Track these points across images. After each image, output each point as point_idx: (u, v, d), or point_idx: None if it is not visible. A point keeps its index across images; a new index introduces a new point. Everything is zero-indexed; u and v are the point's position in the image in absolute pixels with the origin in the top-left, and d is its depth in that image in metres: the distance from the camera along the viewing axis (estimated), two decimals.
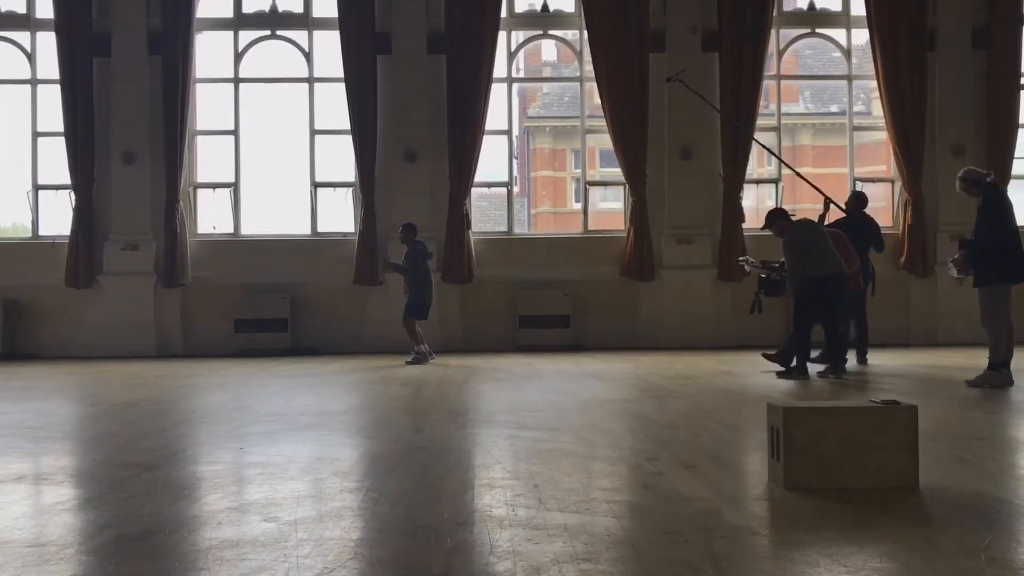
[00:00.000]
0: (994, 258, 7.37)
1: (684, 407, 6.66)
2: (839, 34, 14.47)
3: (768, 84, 14.38)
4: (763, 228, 8.81)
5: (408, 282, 11.12)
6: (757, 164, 20.14)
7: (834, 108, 27.88)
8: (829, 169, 25.79)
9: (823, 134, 28.22)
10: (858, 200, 10.38)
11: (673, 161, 13.61)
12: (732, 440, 5.30)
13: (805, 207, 21.82)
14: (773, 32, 13.87)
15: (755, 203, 14.90)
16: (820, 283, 8.17)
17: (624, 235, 13.66)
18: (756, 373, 9.08)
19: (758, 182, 14.79)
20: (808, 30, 14.58)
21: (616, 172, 14.14)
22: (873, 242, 10.09)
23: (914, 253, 13.57)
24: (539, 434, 5.40)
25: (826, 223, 10.13)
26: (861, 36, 14.30)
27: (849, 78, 14.77)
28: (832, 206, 10.42)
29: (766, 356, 9.00)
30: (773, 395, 6.99)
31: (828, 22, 14.43)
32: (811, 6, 14.37)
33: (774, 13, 13.80)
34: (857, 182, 14.20)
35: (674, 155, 13.60)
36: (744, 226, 13.55)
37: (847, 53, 14.53)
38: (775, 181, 14.55)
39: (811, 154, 28.06)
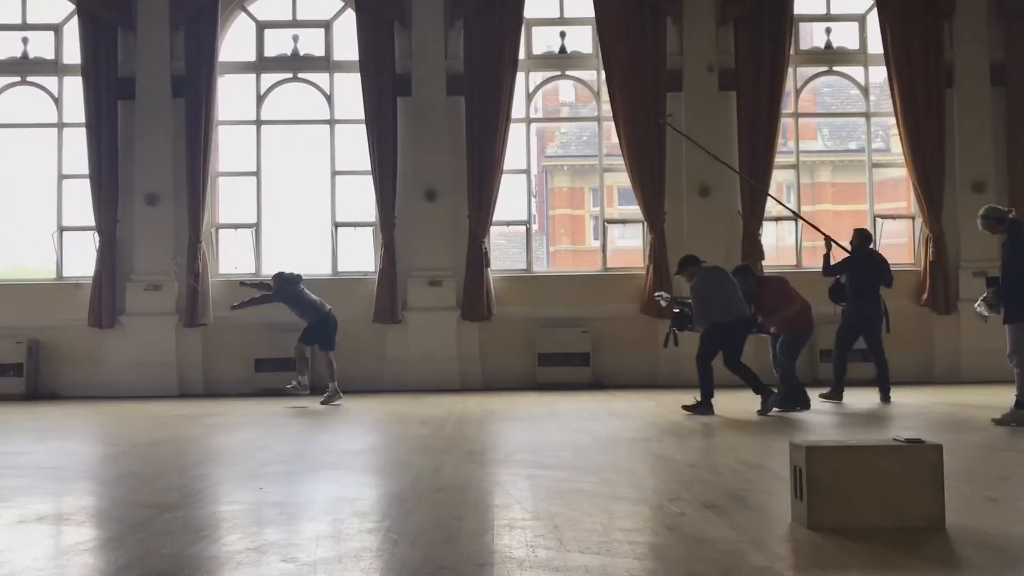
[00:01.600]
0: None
1: (705, 446, 6.60)
2: (856, 72, 14.51)
3: (786, 122, 14.41)
4: (676, 273, 9.37)
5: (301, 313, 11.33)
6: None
7: (853, 145, 27.86)
8: (849, 206, 25.73)
9: (842, 171, 28.19)
10: (862, 237, 10.39)
11: (692, 198, 13.63)
12: (754, 479, 5.24)
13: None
14: (790, 70, 13.94)
15: (775, 240, 14.86)
16: (722, 327, 8.63)
17: (643, 272, 13.65)
18: (778, 412, 8.98)
19: (778, 219, 14.75)
20: (825, 68, 14.63)
21: (634, 210, 14.17)
22: (882, 279, 10.10)
23: (936, 289, 13.47)
24: (559, 473, 5.37)
25: (831, 262, 10.26)
26: (878, 73, 14.33)
27: (867, 115, 14.78)
28: (834, 245, 10.45)
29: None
30: (795, 434, 6.92)
31: (845, 60, 14.48)
32: (828, 45, 14.43)
33: (791, 52, 13.87)
34: (877, 219, 14.16)
35: (692, 192, 13.63)
36: (764, 263, 13.51)
37: (865, 91, 14.55)
38: (795, 218, 14.51)
39: (830, 191, 28.03)
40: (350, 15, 13.88)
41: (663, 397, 11.10)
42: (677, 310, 9.39)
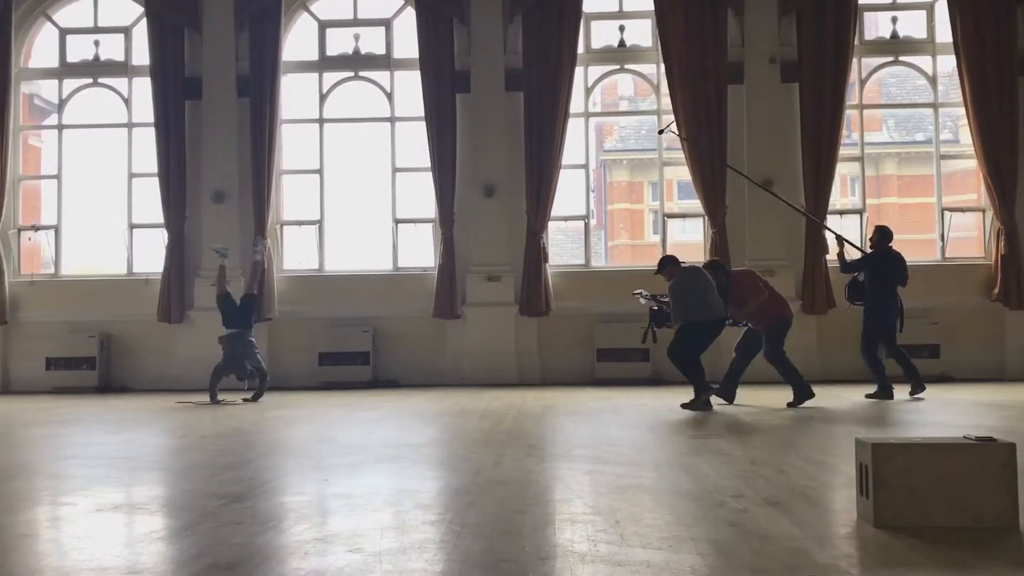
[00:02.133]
0: None
1: (767, 442, 6.54)
2: (924, 61, 14.17)
3: (850, 113, 14.14)
4: (655, 273, 9.45)
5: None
6: (840, 194, 19.78)
7: (919, 136, 27.23)
8: (916, 199, 25.14)
9: (908, 163, 27.56)
10: (883, 235, 10.28)
11: (754, 192, 13.44)
12: (818, 476, 5.18)
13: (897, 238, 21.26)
14: (854, 61, 13.67)
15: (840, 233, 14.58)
16: (698, 326, 8.90)
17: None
18: (841, 407, 8.85)
19: (842, 213, 14.51)
20: (891, 58, 14.33)
21: (695, 204, 14.05)
22: (899, 278, 10.03)
23: (1008, 284, 13.12)
24: (619, 469, 5.37)
25: (847, 260, 10.28)
26: (947, 63, 13.98)
27: (935, 106, 14.42)
28: (847, 244, 10.47)
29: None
30: (860, 430, 6.81)
31: (912, 49, 14.15)
32: (894, 34, 14.12)
33: (856, 42, 13.61)
34: (945, 212, 13.83)
35: (754, 185, 13.44)
36: (828, 257, 13.29)
37: (933, 80, 14.20)
38: (859, 212, 14.26)
39: (896, 184, 27.42)
40: (410, 13, 14.00)
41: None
42: (655, 307, 9.58)
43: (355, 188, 15.39)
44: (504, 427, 7.77)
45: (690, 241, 14.83)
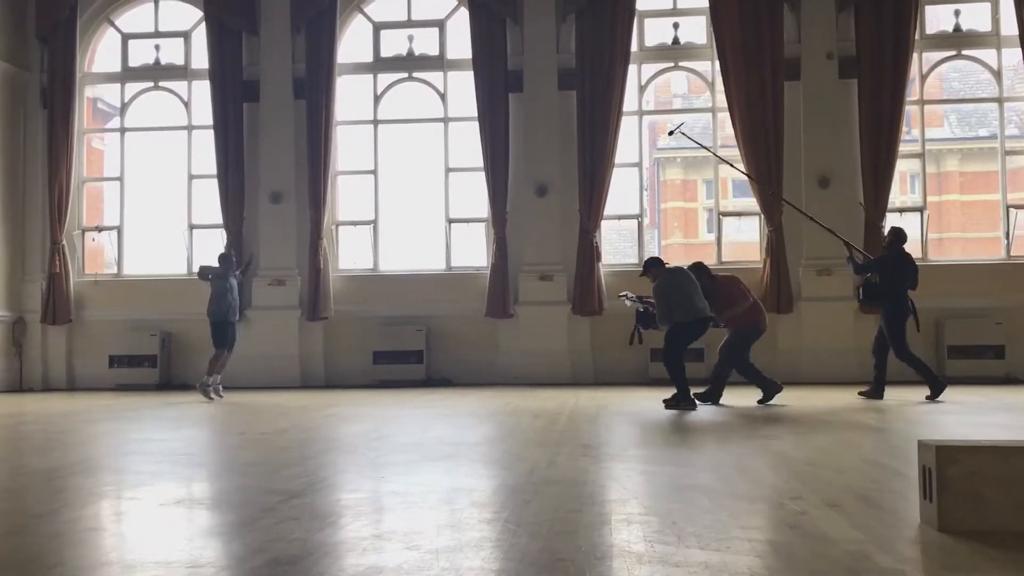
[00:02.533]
0: None
1: (826, 443, 6.43)
2: (988, 55, 13.83)
3: (910, 109, 13.87)
4: (641, 275, 9.67)
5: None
6: (900, 191, 19.40)
7: (983, 132, 26.57)
8: (979, 196, 24.55)
9: (971, 159, 26.91)
10: (896, 237, 10.24)
11: (811, 190, 13.28)
12: (879, 479, 5.08)
13: (952, 235, 20.90)
14: (915, 56, 13.40)
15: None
16: (684, 326, 9.06)
17: (760, 266, 13.38)
18: (902, 408, 8.68)
19: (902, 210, 14.23)
20: (953, 52, 14.01)
21: (750, 202, 13.89)
22: (909, 281, 10.03)
23: None
24: (674, 469, 5.33)
25: (859, 262, 10.38)
26: (1012, 56, 13.62)
27: (1000, 100, 14.06)
28: (854, 250, 10.66)
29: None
30: (921, 432, 6.67)
31: (975, 43, 13.82)
32: (956, 28, 13.81)
33: (916, 36, 13.33)
34: (1010, 209, 13.48)
35: (811, 183, 13.28)
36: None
37: (997, 74, 13.85)
38: (920, 209, 13.96)
39: (958, 181, 26.80)
40: (463, 13, 14.06)
41: (780, 394, 10.84)
42: (641, 309, 9.68)
43: (409, 188, 15.53)
44: (558, 426, 7.77)
45: (746, 240, 14.66)
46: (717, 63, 13.61)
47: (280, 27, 14.14)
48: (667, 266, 9.44)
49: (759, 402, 9.45)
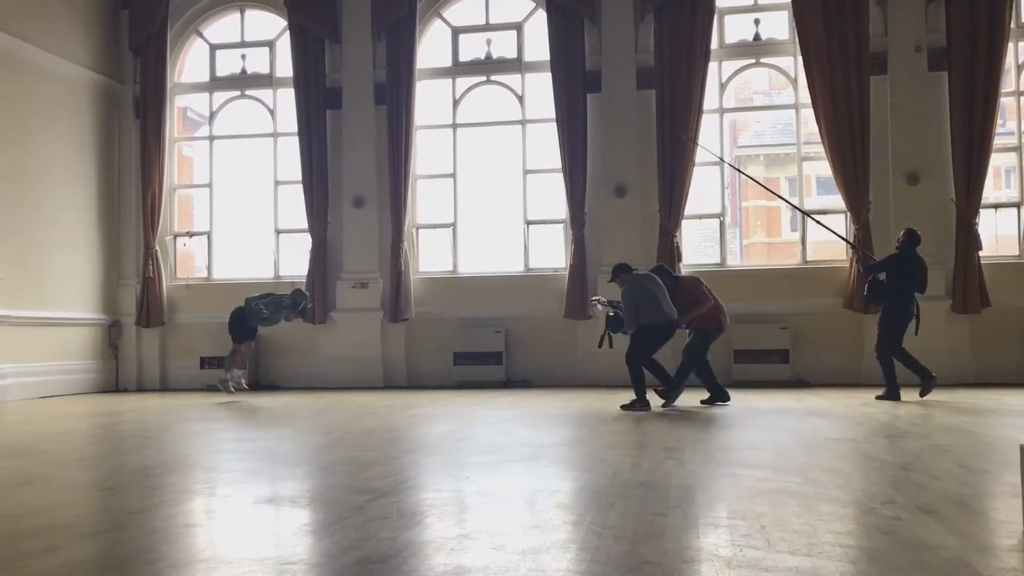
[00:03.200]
0: None
1: (919, 447, 6.24)
2: None
3: (1005, 101, 13.36)
4: (609, 280, 9.98)
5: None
6: (994, 187, 18.69)
7: None
8: None
9: None
10: (909, 236, 10.15)
11: (899, 186, 12.92)
12: (977, 484, 4.91)
13: None
14: (1010, 45, 12.91)
15: (994, 229, 13.80)
16: (651, 329, 9.34)
17: (846, 265, 13.07)
18: (997, 411, 8.37)
19: (996, 206, 13.71)
20: None
21: (835, 199, 13.57)
22: (919, 284, 10.04)
23: None
24: (761, 473, 5.24)
25: (871, 264, 10.36)
26: None
27: None
28: (863, 251, 10.86)
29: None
30: (1020, 436, 6.41)
31: None
32: None
33: (1011, 25, 12.85)
34: None
35: (899, 180, 12.92)
36: (981, 254, 12.61)
37: None
38: (1016, 205, 13.44)
39: None
40: (541, 15, 14.08)
41: (869, 395, 10.59)
42: (612, 314, 9.95)
43: (487, 191, 15.60)
44: (640, 428, 7.72)
45: (831, 239, 14.30)
46: (800, 59, 13.34)
47: (361, 34, 14.38)
48: (635, 272, 9.73)
49: (703, 402, 9.87)
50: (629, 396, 9.55)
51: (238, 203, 16.11)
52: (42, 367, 13.22)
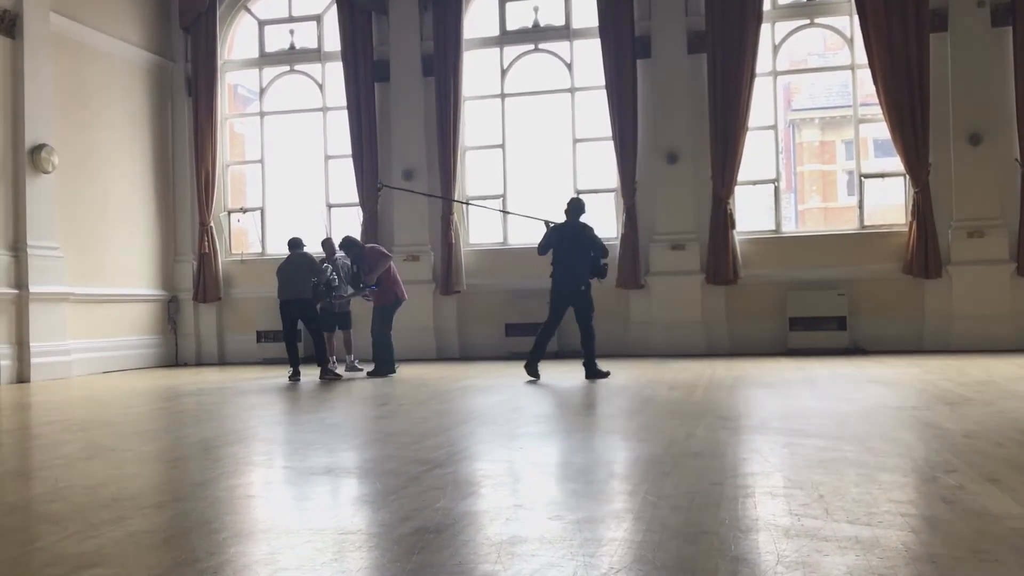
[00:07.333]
0: None
1: (983, 415, 6.10)
2: None
3: None
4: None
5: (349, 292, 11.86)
6: None
7: None
8: None
9: None
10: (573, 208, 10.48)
11: (960, 148, 12.55)
12: None
13: None
14: None
15: None
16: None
17: (905, 230, 12.78)
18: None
19: None
20: None
21: (894, 162, 13.24)
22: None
23: None
24: (820, 442, 5.17)
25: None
26: None
27: None
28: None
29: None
30: None
31: None
32: None
33: None
34: None
35: (961, 141, 12.55)
36: None
37: None
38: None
39: None
40: None
41: (929, 363, 10.38)
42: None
43: (536, 161, 15.50)
44: (695, 398, 7.67)
45: (890, 203, 14.00)
46: (856, 17, 12.98)
47: (408, 5, 14.33)
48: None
49: (369, 374, 11.01)
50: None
51: (289, 178, 16.24)
52: (105, 343, 13.55)
